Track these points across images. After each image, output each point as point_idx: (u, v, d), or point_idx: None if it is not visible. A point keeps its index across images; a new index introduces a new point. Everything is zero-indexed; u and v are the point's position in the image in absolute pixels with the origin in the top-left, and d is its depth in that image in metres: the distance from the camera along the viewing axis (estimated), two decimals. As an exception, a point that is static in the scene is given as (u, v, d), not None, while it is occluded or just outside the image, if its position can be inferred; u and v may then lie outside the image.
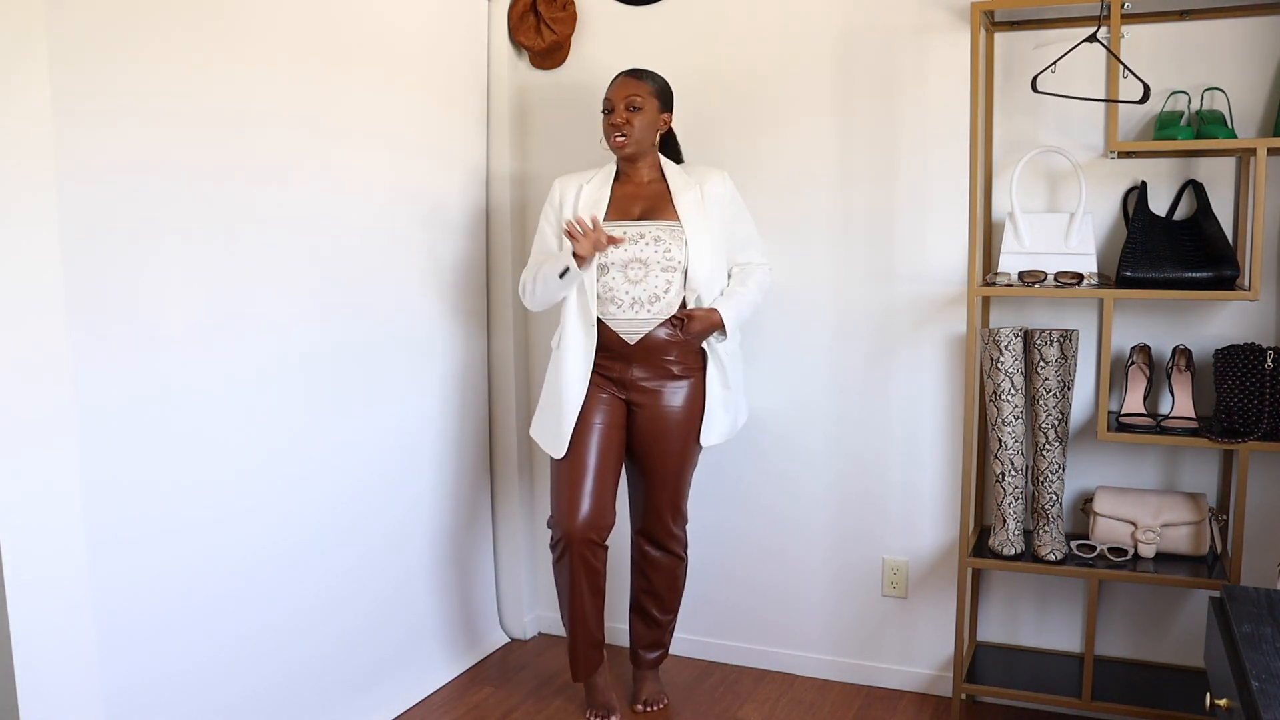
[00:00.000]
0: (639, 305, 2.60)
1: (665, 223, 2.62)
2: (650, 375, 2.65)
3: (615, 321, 2.61)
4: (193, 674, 2.24)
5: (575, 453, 2.63)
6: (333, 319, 2.59)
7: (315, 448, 2.55)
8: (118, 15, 2.02)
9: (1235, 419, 2.47)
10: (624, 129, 2.60)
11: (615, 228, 2.60)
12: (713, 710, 2.88)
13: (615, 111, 2.61)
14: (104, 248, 2.02)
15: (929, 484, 2.91)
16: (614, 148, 2.63)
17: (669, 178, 2.69)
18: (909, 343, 2.88)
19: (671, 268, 2.60)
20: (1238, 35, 2.54)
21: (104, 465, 2.02)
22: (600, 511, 2.64)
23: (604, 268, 2.59)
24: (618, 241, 2.53)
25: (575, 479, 2.63)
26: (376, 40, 2.71)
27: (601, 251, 2.54)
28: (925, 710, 2.87)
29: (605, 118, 2.64)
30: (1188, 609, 2.74)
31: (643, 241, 2.60)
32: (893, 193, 2.85)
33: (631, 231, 2.60)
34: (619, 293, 2.60)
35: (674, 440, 2.69)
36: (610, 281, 2.60)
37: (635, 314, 2.60)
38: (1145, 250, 2.50)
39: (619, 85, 2.64)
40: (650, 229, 2.61)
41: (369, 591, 2.76)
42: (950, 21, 2.75)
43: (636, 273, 2.59)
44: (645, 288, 2.60)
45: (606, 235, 2.50)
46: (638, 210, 2.65)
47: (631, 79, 2.64)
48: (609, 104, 2.63)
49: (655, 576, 2.83)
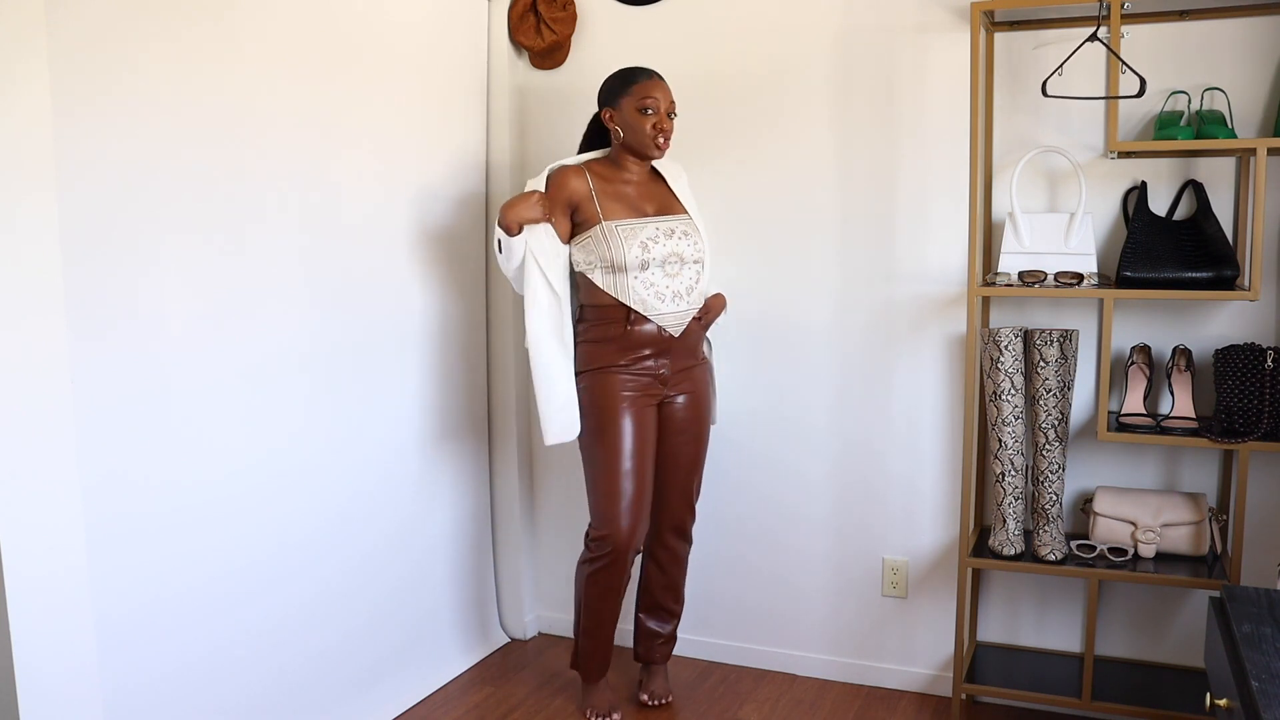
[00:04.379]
0: (679, 298, 2.65)
1: (683, 218, 2.69)
2: (683, 368, 2.71)
3: (662, 317, 2.64)
4: (192, 673, 2.24)
5: (620, 460, 2.62)
6: (332, 318, 2.59)
7: (315, 447, 2.56)
8: (118, 15, 2.02)
9: (1235, 419, 2.47)
10: (668, 134, 2.61)
11: (647, 224, 2.61)
12: (713, 710, 2.88)
13: (662, 116, 2.60)
14: (104, 248, 2.02)
15: (929, 484, 2.91)
16: (653, 149, 2.61)
17: (663, 171, 2.73)
18: (909, 343, 2.88)
19: (699, 260, 2.68)
20: (1238, 35, 2.54)
21: (103, 464, 2.02)
22: (645, 520, 2.70)
23: (645, 264, 2.60)
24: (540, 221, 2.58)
25: (625, 487, 2.63)
26: (376, 41, 2.71)
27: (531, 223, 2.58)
28: (925, 710, 2.87)
29: (645, 117, 2.59)
30: (1188, 609, 2.74)
31: (675, 236, 2.64)
32: (893, 192, 2.85)
33: (664, 227, 2.63)
34: (661, 288, 2.63)
35: (699, 426, 2.79)
36: (651, 278, 2.62)
37: (677, 306, 2.65)
38: (1145, 250, 2.50)
39: (661, 87, 2.61)
40: (678, 224, 2.66)
41: (368, 591, 2.76)
42: (950, 21, 2.75)
43: (674, 267, 2.64)
44: (682, 280, 2.65)
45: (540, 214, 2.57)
46: (651, 208, 2.67)
47: (665, 84, 2.63)
48: (656, 105, 2.58)
49: (673, 568, 2.88)
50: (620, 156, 2.67)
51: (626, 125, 2.61)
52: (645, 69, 2.64)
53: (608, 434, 2.62)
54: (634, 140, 2.62)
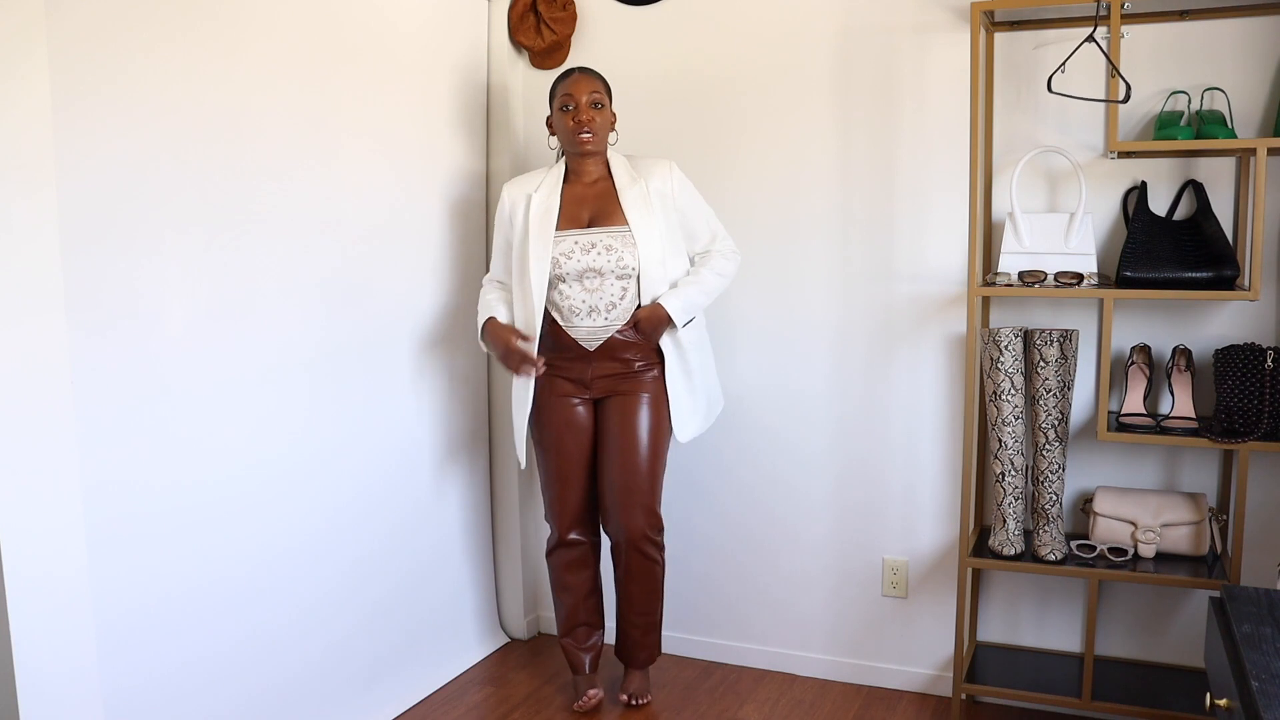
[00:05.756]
0: (596, 314, 2.62)
1: (614, 229, 2.62)
2: (611, 371, 2.68)
3: (575, 330, 2.64)
4: (192, 673, 2.24)
5: (554, 470, 2.76)
6: (332, 318, 2.59)
7: (315, 448, 2.55)
8: (118, 15, 2.02)
9: (1235, 419, 2.47)
10: (589, 126, 2.61)
11: (567, 237, 2.62)
12: (713, 710, 2.88)
13: (579, 109, 2.61)
14: (104, 246, 2.02)
15: (929, 484, 2.91)
16: (578, 145, 2.63)
17: (615, 175, 2.69)
18: (909, 343, 2.88)
19: (626, 275, 2.62)
20: (1238, 35, 2.54)
21: (104, 465, 2.02)
22: (577, 508, 2.77)
23: (560, 278, 2.61)
24: (538, 372, 2.65)
25: (552, 472, 2.77)
26: (376, 40, 2.71)
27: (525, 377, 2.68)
28: (925, 710, 2.87)
29: (565, 114, 2.62)
30: (1188, 609, 2.74)
31: (595, 251, 2.61)
32: (892, 192, 2.85)
33: (584, 241, 2.62)
34: (576, 302, 2.62)
35: (640, 433, 2.68)
36: (567, 290, 2.62)
37: (594, 322, 2.63)
38: (1145, 250, 2.50)
39: (579, 82, 2.63)
40: (601, 237, 2.61)
41: (369, 591, 2.76)
42: (950, 21, 2.75)
43: (592, 282, 2.61)
44: (602, 296, 2.61)
45: (528, 359, 2.63)
46: (587, 216, 2.66)
47: (589, 76, 2.65)
48: (571, 100, 2.61)
49: (630, 583, 2.78)
50: (569, 160, 2.71)
51: (556, 129, 2.67)
52: (570, 69, 2.69)
53: (546, 440, 2.75)
54: (563, 141, 2.67)
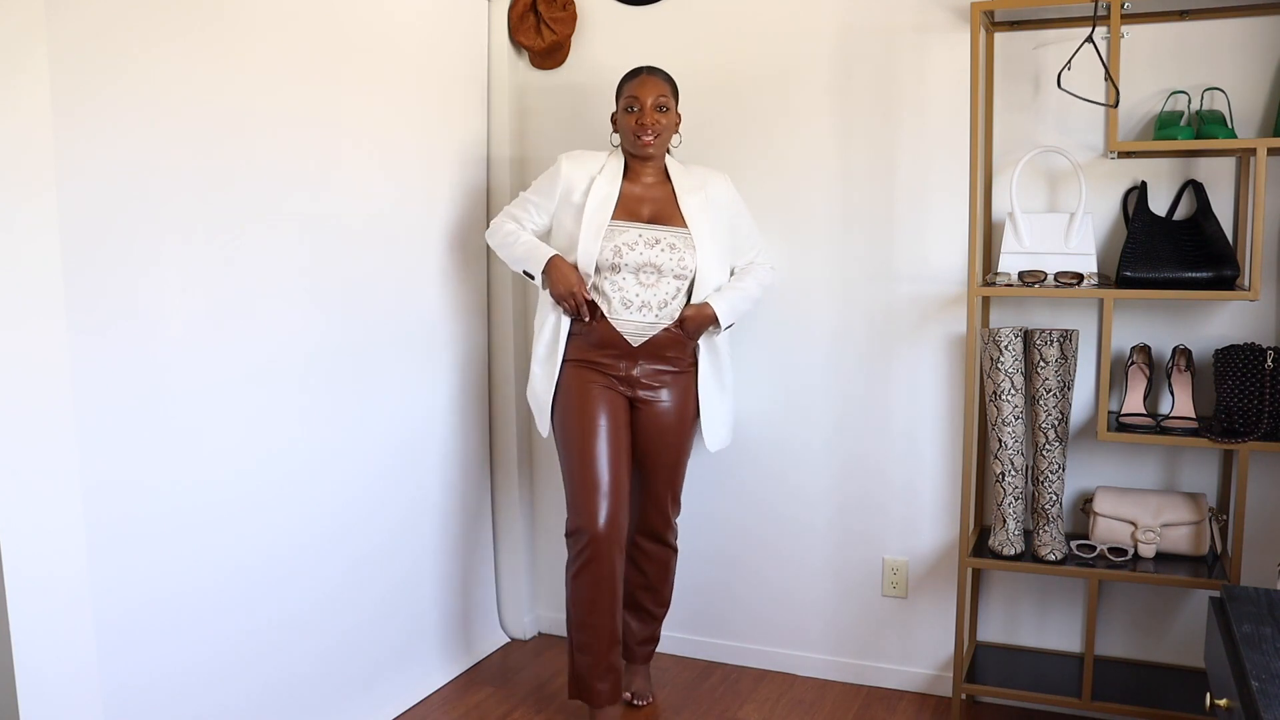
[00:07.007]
0: (648, 309, 2.60)
1: (677, 229, 2.62)
2: (652, 372, 2.65)
3: (621, 322, 2.60)
4: (192, 674, 2.24)
5: (593, 447, 2.59)
6: (333, 319, 2.59)
7: (315, 448, 2.55)
8: (118, 15, 2.02)
9: (1235, 419, 2.47)
10: (653, 129, 2.58)
11: (630, 229, 2.59)
12: (713, 710, 2.87)
13: (644, 111, 2.57)
14: (104, 248, 2.02)
15: (929, 484, 2.91)
16: (640, 148, 2.60)
17: (674, 179, 2.67)
18: (909, 343, 2.88)
19: (683, 275, 2.61)
20: (1238, 35, 2.54)
21: (104, 465, 2.02)
22: (624, 511, 2.60)
23: (616, 267, 2.58)
24: (588, 313, 2.59)
25: (599, 475, 2.57)
26: (377, 41, 2.70)
27: (571, 315, 2.62)
28: (925, 710, 2.87)
29: (629, 115, 2.59)
30: (1188, 609, 2.74)
31: (659, 247, 2.59)
32: (892, 192, 2.85)
33: (648, 235, 2.59)
34: (630, 294, 2.59)
35: (674, 434, 2.70)
36: (622, 282, 2.59)
37: (643, 317, 2.60)
38: (1145, 250, 2.50)
39: (646, 84, 2.59)
40: (665, 235, 2.60)
41: (369, 591, 2.76)
42: (950, 21, 2.75)
43: (649, 277, 2.58)
44: (655, 293, 2.60)
45: (585, 305, 2.58)
46: (646, 213, 2.63)
47: (657, 78, 2.61)
48: (636, 102, 2.58)
49: (651, 570, 2.84)
50: (628, 158, 2.68)
51: (619, 128, 2.65)
52: (638, 68, 2.65)
53: (580, 423, 2.60)
54: (624, 141, 2.64)
